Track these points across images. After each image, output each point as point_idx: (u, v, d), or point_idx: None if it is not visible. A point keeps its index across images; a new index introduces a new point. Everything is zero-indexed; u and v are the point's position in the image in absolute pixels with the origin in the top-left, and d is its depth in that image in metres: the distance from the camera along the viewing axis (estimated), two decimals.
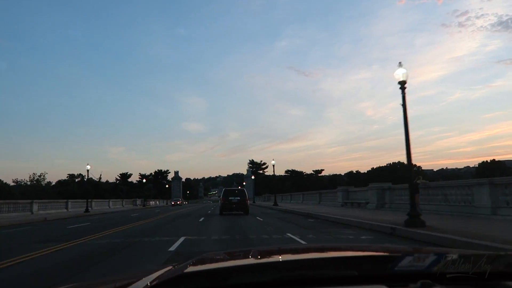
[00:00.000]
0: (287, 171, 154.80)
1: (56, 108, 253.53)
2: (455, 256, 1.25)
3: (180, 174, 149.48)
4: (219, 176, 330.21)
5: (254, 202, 63.62)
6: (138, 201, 67.22)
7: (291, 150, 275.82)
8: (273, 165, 45.36)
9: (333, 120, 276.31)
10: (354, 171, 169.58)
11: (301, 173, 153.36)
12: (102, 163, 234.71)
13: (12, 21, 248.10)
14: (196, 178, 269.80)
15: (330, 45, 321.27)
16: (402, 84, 11.80)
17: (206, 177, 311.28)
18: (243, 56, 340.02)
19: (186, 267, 1.37)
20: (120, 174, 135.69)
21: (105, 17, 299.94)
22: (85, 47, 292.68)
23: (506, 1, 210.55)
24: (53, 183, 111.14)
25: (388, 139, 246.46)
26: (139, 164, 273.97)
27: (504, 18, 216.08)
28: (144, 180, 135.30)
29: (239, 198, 25.38)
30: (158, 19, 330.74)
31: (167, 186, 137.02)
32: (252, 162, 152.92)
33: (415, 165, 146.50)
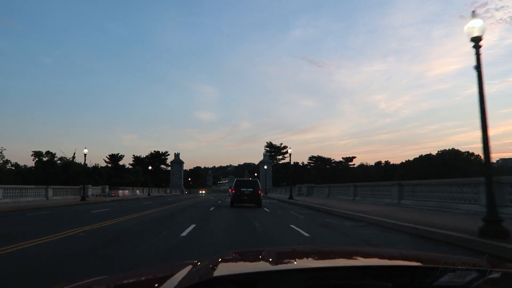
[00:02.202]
0: (311, 158, 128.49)
1: (67, 93, 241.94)
2: (498, 274, 1.20)
3: (188, 162, 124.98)
4: (230, 165, 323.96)
5: (291, 197, 34.06)
6: (91, 191, 42.05)
7: (303, 142, 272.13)
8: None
9: (346, 112, 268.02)
10: (383, 162, 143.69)
11: (328, 160, 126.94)
12: (115, 150, 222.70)
13: (23, 1, 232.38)
14: (206, 166, 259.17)
15: (344, 35, 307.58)
16: (477, 41, 8.06)
17: (216, 166, 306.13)
18: (256, 45, 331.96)
19: (211, 269, 1.32)
20: (109, 155, 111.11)
21: (118, 1, 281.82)
22: (97, 31, 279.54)
23: None
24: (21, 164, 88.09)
25: (401, 133, 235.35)
26: (150, 152, 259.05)
27: None
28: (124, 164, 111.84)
29: (251, 189, 23.28)
30: (172, 6, 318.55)
31: (151, 170, 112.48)
32: (270, 146, 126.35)
33: (473, 153, 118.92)
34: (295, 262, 1.64)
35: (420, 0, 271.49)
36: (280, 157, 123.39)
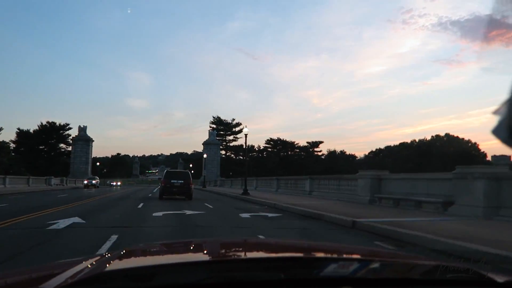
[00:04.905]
0: (268, 142, 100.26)
1: None
2: (377, 264, 1.28)
3: (116, 150, 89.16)
4: (161, 154, 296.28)
5: None
6: None
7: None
8: None
9: (280, 106, 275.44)
10: (338, 151, 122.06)
11: (291, 144, 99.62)
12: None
13: None
14: (135, 155, 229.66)
15: (281, 30, 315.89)
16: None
17: (147, 155, 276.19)
18: (194, 33, 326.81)
19: (109, 263, 1.30)
20: None
21: None
22: (17, 6, 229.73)
23: (447, 3, 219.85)
24: None
25: (330, 127, 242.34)
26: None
27: (444, 20, 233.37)
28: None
29: (182, 181, 23.15)
30: None
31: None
32: (218, 121, 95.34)
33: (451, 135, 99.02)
34: (195, 255, 1.67)
35: (353, 2, 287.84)
36: (231, 137, 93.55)
